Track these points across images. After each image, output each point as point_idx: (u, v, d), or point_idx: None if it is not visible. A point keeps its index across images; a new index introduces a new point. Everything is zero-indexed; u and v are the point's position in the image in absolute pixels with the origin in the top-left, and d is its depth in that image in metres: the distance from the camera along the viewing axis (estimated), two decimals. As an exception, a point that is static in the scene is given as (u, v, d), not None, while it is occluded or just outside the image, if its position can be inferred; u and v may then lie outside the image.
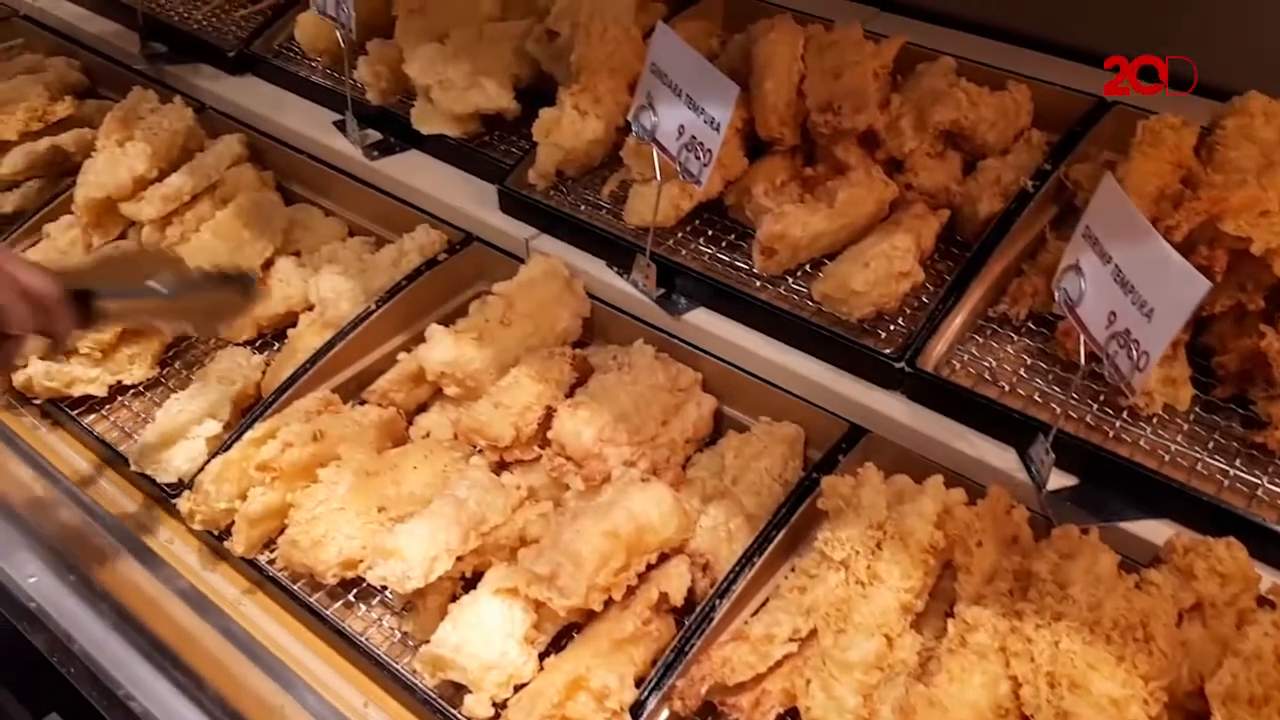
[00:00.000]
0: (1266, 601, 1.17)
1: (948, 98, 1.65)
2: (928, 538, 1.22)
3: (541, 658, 1.29)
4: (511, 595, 1.28)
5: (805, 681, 1.18)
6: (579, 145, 1.71)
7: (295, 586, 1.41)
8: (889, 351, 1.43)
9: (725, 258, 1.63)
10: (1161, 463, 1.30)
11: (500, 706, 1.24)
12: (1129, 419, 1.35)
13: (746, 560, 1.31)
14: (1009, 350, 1.47)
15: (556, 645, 1.33)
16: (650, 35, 1.52)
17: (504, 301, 1.62)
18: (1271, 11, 1.65)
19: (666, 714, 1.24)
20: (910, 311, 1.51)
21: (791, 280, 1.58)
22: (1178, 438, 1.34)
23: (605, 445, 1.43)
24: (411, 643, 1.37)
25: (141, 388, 1.75)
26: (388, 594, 1.41)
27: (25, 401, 1.74)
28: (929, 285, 1.54)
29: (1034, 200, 1.55)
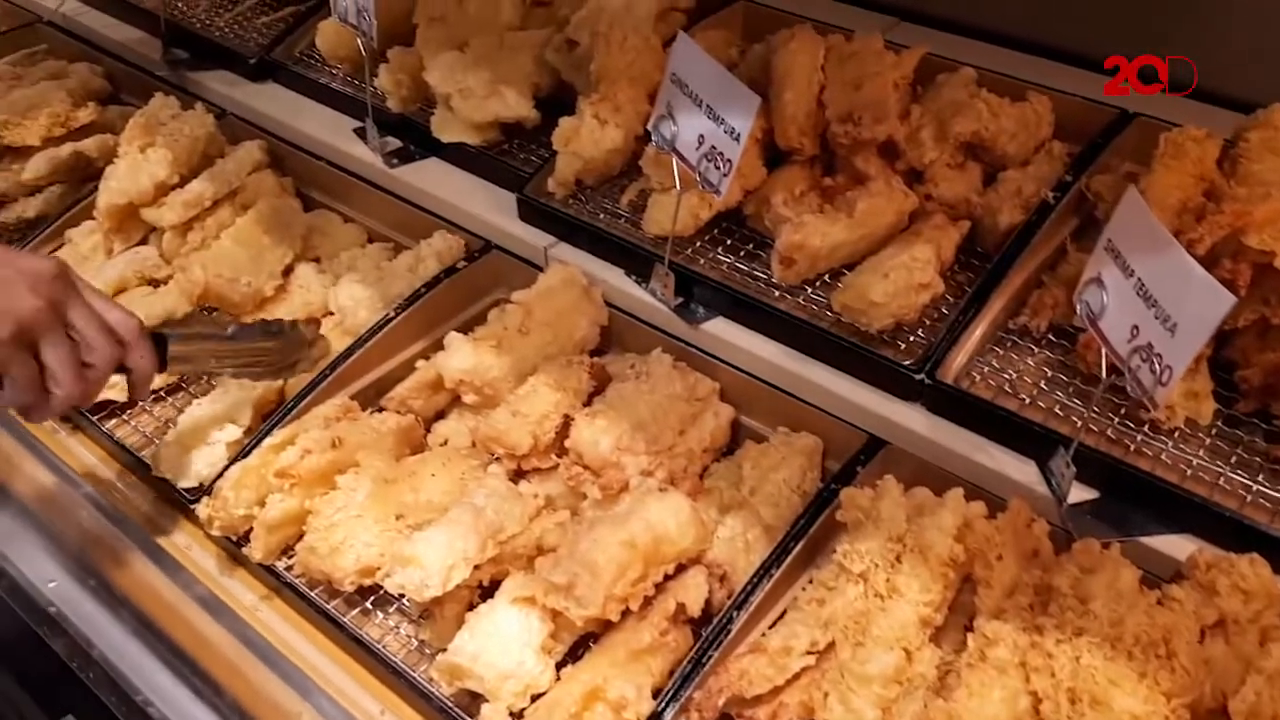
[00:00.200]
0: (1290, 618, 1.16)
1: (968, 109, 1.65)
2: (947, 551, 1.21)
3: (558, 667, 1.29)
4: (529, 604, 1.28)
5: (823, 694, 1.17)
6: (598, 154, 1.72)
7: (313, 593, 1.41)
8: (908, 363, 1.42)
9: (744, 267, 1.63)
10: (1183, 477, 1.29)
11: (517, 716, 1.24)
12: (1150, 432, 1.34)
13: (764, 572, 1.30)
14: (1029, 362, 1.46)
15: (573, 655, 1.32)
16: (670, 44, 1.52)
17: (522, 310, 1.62)
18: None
19: (683, 725, 1.23)
20: (930, 323, 1.51)
21: (810, 290, 1.57)
22: (1200, 452, 1.33)
23: (623, 454, 1.43)
24: (428, 651, 1.36)
25: (163, 393, 1.76)
26: (405, 601, 1.41)
27: (46, 406, 1.74)
28: (949, 296, 1.53)
29: (1055, 212, 1.54)
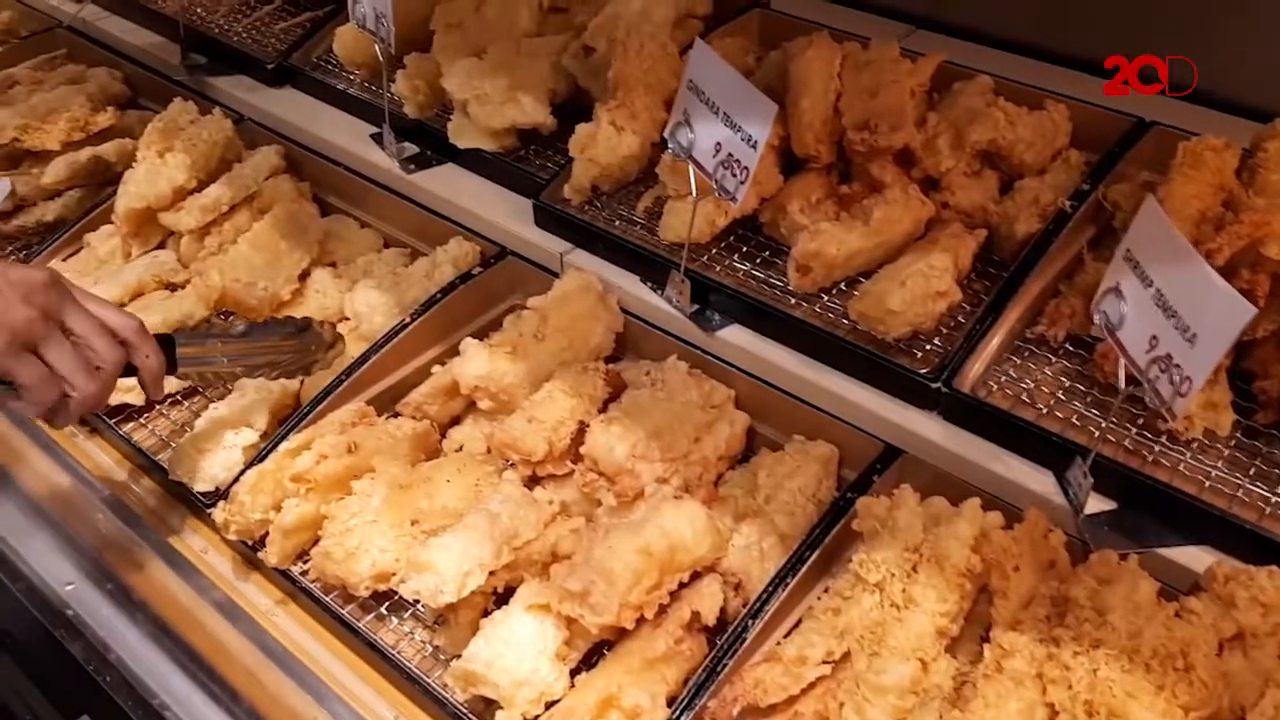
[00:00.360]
0: (1309, 632, 1.15)
1: (985, 117, 1.65)
2: (964, 561, 1.21)
3: (572, 675, 1.29)
4: (544, 611, 1.28)
5: (839, 704, 1.17)
6: (614, 161, 1.72)
7: (328, 598, 1.42)
8: (925, 371, 1.42)
9: (760, 274, 1.63)
10: (1201, 488, 1.29)
11: (531, 723, 1.24)
12: (1168, 443, 1.34)
13: (779, 580, 1.30)
14: (1046, 372, 1.46)
15: (587, 662, 1.32)
16: (686, 51, 1.52)
17: (538, 316, 1.62)
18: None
19: (698, 734, 1.23)
20: (946, 331, 1.50)
21: (826, 298, 1.57)
22: (1218, 463, 1.32)
23: (638, 461, 1.43)
24: (443, 657, 1.37)
25: (179, 396, 1.76)
26: (419, 607, 1.41)
27: (64, 409, 1.75)
28: (965, 305, 1.53)
29: (1072, 221, 1.53)
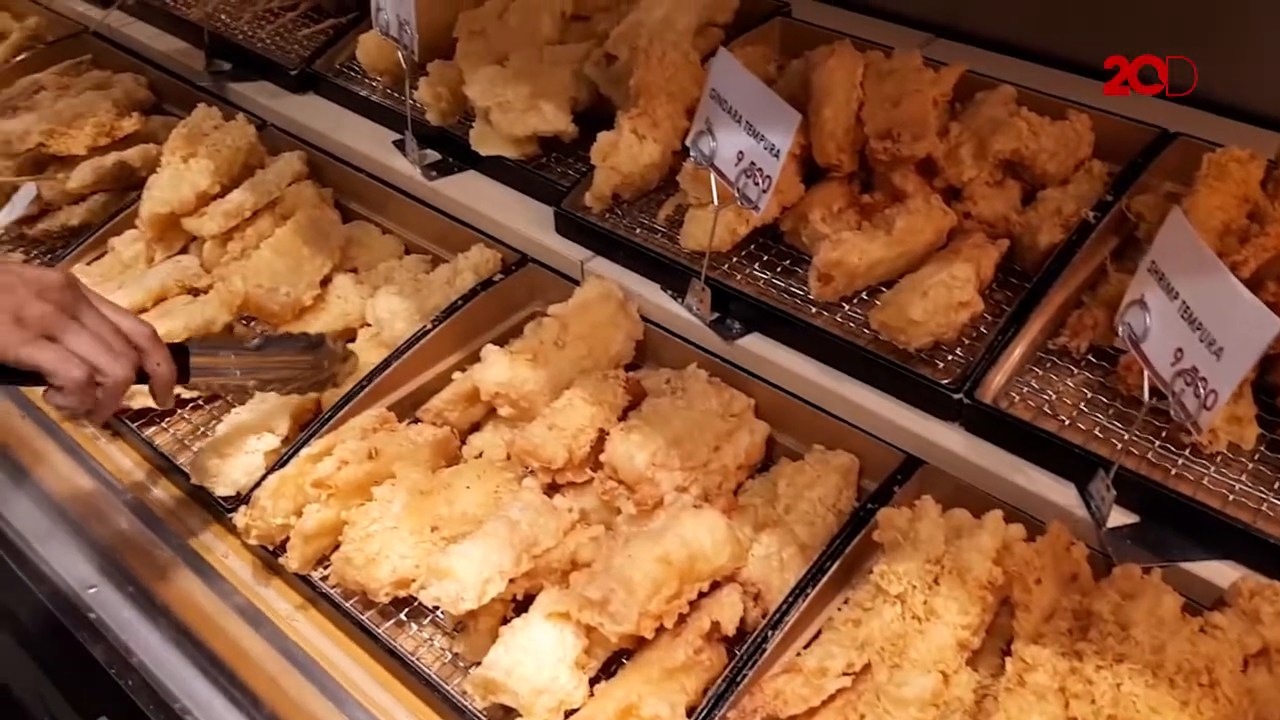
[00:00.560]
0: (1335, 649, 1.14)
1: (1008, 127, 1.64)
2: (986, 574, 1.20)
3: (591, 684, 1.29)
4: (563, 619, 1.28)
5: (859, 716, 1.17)
6: (636, 169, 1.72)
7: (348, 604, 1.42)
8: (947, 382, 1.41)
9: (780, 283, 1.63)
10: (1225, 502, 1.28)
11: (551, 731, 1.24)
12: (1192, 456, 1.33)
13: (800, 591, 1.30)
14: (1068, 383, 1.45)
15: (606, 671, 1.32)
16: (708, 60, 1.52)
17: (559, 323, 1.62)
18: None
19: (718, 744, 1.23)
20: (968, 342, 1.50)
21: (847, 307, 1.57)
22: (1242, 477, 1.31)
23: (658, 470, 1.43)
24: (462, 664, 1.37)
25: (201, 401, 1.77)
26: (439, 614, 1.42)
27: (87, 412, 1.77)
28: (987, 315, 1.52)
29: (1095, 232, 1.53)
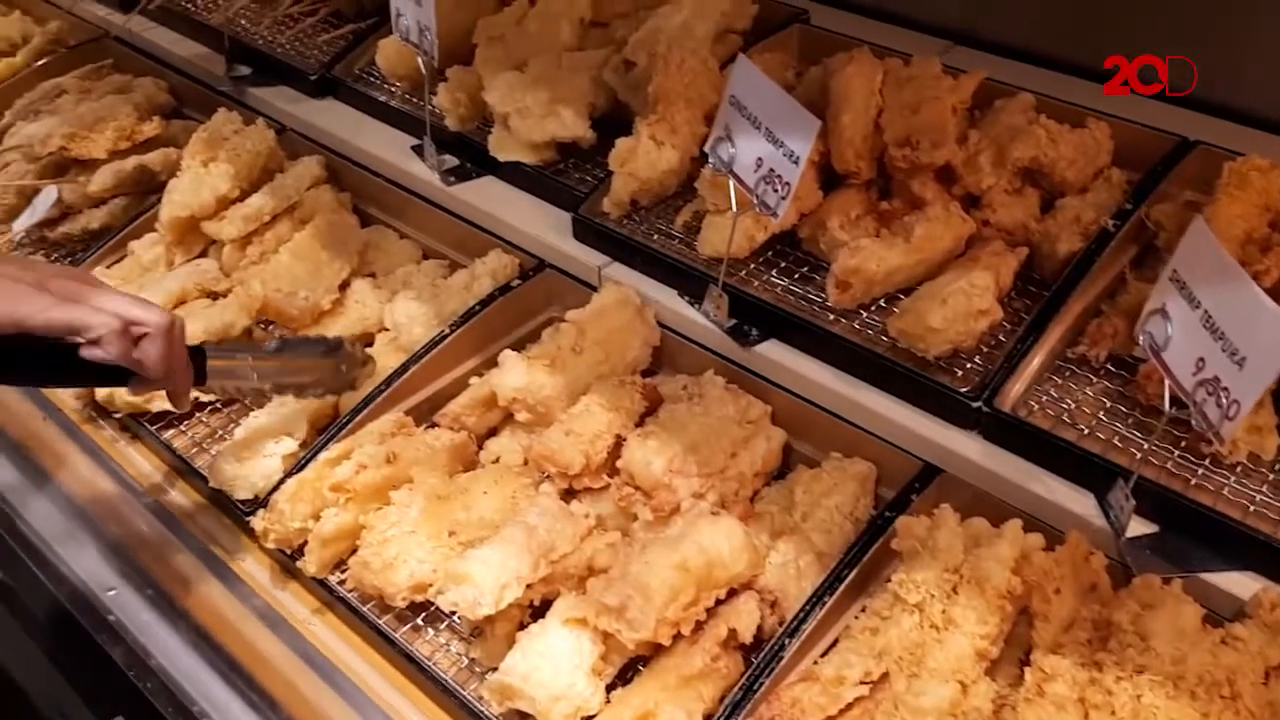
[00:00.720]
0: (1357, 661, 1.14)
1: (1027, 134, 1.64)
2: (1005, 583, 1.20)
3: (608, 690, 1.28)
4: (580, 626, 1.28)
5: (877, 725, 1.17)
6: (654, 175, 1.72)
7: (365, 608, 1.43)
8: (965, 390, 1.41)
9: (798, 290, 1.62)
10: (1246, 513, 1.27)
11: (567, 737, 1.24)
12: (1212, 466, 1.32)
13: (817, 599, 1.30)
14: (1088, 392, 1.44)
15: (622, 678, 1.32)
16: (726, 66, 1.52)
17: (576, 329, 1.62)
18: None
19: (734, 752, 1.22)
20: (987, 350, 1.49)
21: (865, 314, 1.56)
22: (1263, 487, 1.30)
23: (674, 476, 1.43)
24: (478, 669, 1.37)
25: (219, 404, 1.78)
26: (456, 619, 1.42)
27: (105, 415, 1.78)
28: (1006, 324, 1.51)
29: (1114, 240, 1.52)
